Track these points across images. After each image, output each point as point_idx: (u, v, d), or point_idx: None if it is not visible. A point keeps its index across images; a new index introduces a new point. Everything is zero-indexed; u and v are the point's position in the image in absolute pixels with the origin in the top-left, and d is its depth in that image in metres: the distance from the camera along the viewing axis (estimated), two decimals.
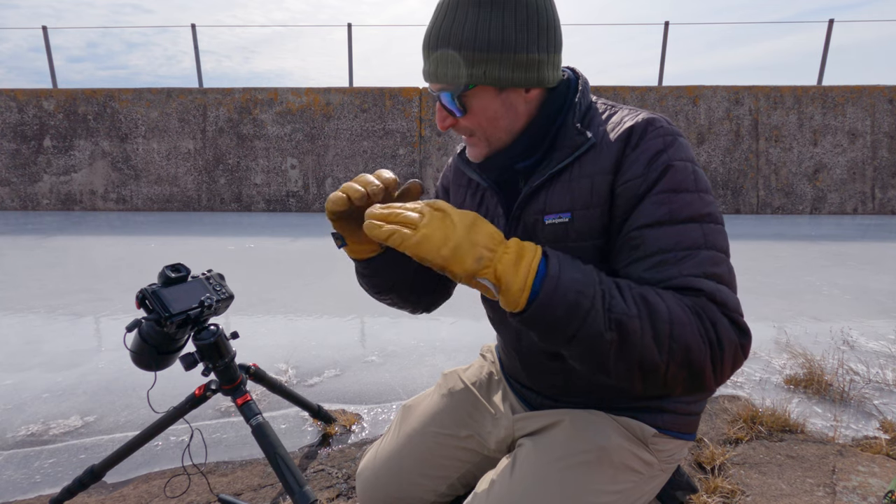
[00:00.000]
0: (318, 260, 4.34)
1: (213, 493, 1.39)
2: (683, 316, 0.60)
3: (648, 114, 0.73)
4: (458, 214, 0.61)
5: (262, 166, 7.47)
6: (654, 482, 0.86)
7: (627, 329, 0.59)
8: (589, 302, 0.59)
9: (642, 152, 0.70)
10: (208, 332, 1.17)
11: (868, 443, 1.57)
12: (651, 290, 0.62)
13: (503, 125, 0.76)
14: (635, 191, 0.70)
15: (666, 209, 0.67)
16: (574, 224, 0.75)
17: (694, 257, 0.65)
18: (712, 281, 0.64)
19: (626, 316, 0.59)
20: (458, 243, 0.58)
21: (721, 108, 7.22)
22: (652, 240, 0.67)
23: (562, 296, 0.59)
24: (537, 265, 0.60)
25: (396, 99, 7.37)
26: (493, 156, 0.80)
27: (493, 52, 0.70)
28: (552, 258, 0.61)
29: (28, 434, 1.71)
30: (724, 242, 0.68)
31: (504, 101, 0.74)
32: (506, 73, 0.71)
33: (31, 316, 2.94)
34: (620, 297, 0.60)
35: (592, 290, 0.59)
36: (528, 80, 0.73)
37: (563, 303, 0.58)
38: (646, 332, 0.59)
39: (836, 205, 7.21)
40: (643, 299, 0.60)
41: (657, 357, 0.59)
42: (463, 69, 0.71)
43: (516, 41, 0.70)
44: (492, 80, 0.71)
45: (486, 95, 0.74)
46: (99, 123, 7.49)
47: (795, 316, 2.85)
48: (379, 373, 2.17)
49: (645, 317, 0.59)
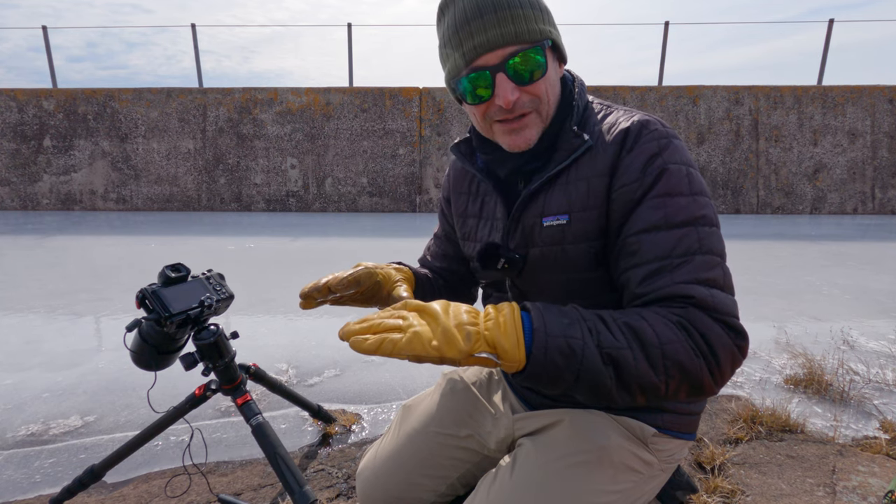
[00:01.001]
0: (318, 260, 4.34)
1: (213, 493, 1.39)
2: (671, 334, 0.60)
3: (643, 115, 0.73)
4: (432, 305, 0.60)
5: (262, 166, 7.47)
6: (654, 482, 0.86)
7: (620, 360, 0.59)
8: (581, 342, 0.59)
9: (637, 155, 0.70)
10: (208, 331, 1.17)
11: (868, 443, 1.57)
12: (634, 314, 0.62)
13: (555, 96, 0.75)
14: (631, 195, 0.70)
15: (661, 213, 0.67)
16: (571, 226, 0.75)
17: (689, 263, 0.65)
18: (705, 286, 0.64)
19: (617, 348, 0.59)
20: (444, 329, 0.56)
21: (721, 108, 7.22)
22: (648, 246, 0.67)
23: (554, 344, 0.58)
24: (520, 319, 0.59)
25: (396, 99, 7.37)
26: (509, 156, 0.80)
27: (546, 13, 0.69)
28: (533, 310, 0.60)
29: (28, 434, 1.71)
30: (719, 244, 0.68)
31: (555, 70, 0.74)
32: (558, 35, 0.71)
33: (31, 316, 2.94)
34: (607, 330, 0.60)
35: (580, 330, 0.60)
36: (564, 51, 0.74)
37: (557, 348, 0.58)
38: (639, 360, 0.59)
39: (836, 205, 7.21)
40: (629, 328, 0.61)
41: (655, 379, 0.60)
42: (539, 24, 0.68)
43: (550, 13, 0.71)
44: (557, 37, 0.71)
45: (550, 58, 0.72)
46: (99, 123, 7.49)
47: (795, 316, 2.85)
48: (379, 373, 2.17)
49: (635, 346, 0.60)
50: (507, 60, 0.69)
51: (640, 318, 0.61)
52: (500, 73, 0.69)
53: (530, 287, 0.84)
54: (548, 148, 0.78)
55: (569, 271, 0.77)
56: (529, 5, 0.69)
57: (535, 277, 0.81)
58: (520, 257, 0.80)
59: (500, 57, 0.69)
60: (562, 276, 0.78)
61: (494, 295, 0.93)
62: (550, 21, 0.73)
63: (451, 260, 1.04)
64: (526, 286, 0.84)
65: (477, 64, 0.70)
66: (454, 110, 7.32)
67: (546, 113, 0.75)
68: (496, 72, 0.69)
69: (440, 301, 0.61)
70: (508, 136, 0.75)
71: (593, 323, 0.61)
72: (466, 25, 0.69)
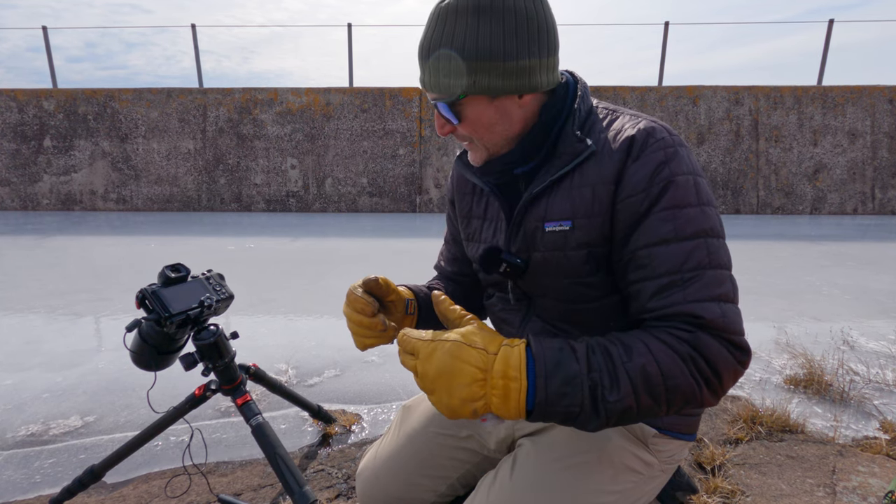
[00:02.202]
0: (318, 260, 4.34)
1: (213, 493, 1.39)
2: (676, 369, 0.62)
3: (649, 122, 0.73)
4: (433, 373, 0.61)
5: (262, 166, 7.47)
6: (654, 482, 0.86)
7: (623, 409, 0.61)
8: (577, 408, 0.61)
9: (643, 165, 0.70)
10: (208, 332, 1.17)
11: (868, 443, 1.56)
12: (641, 345, 0.63)
13: (499, 131, 0.77)
14: (638, 207, 0.70)
15: (671, 226, 0.68)
16: (574, 232, 0.75)
17: (699, 279, 0.66)
18: (716, 303, 0.65)
19: (620, 402, 0.61)
20: (449, 406, 0.61)
21: (721, 108, 7.22)
22: (659, 259, 0.68)
23: (553, 411, 0.61)
24: (526, 392, 0.60)
25: (396, 99, 7.37)
26: (491, 160, 0.80)
27: (482, 62, 0.70)
28: (538, 378, 0.61)
29: (28, 434, 1.71)
30: (726, 256, 0.69)
31: (498, 109, 0.74)
32: (496, 81, 0.71)
33: (31, 316, 2.94)
34: (612, 382, 0.61)
35: (580, 396, 0.60)
36: (519, 87, 0.72)
37: (556, 415, 0.62)
38: (642, 401, 0.62)
39: (836, 205, 7.21)
40: (636, 370, 0.61)
41: (657, 409, 0.64)
42: (454, 79, 0.71)
43: (505, 49, 0.69)
44: (482, 89, 0.71)
45: (480, 104, 0.74)
46: (99, 123, 7.49)
47: (795, 316, 2.85)
48: (379, 373, 2.17)
49: (640, 389, 0.61)
50: (436, 101, 0.76)
51: (647, 352, 0.63)
52: (435, 108, 0.77)
53: (532, 289, 0.84)
54: (525, 154, 0.78)
55: (571, 276, 0.77)
56: (461, 55, 0.69)
57: (537, 281, 0.81)
58: (521, 262, 0.80)
59: (432, 97, 0.76)
60: (564, 280, 0.78)
61: (497, 295, 0.94)
62: (484, 67, 0.70)
63: (462, 263, 1.04)
64: (528, 288, 0.84)
65: (425, 91, 0.78)
66: None
67: (488, 144, 0.78)
68: (434, 105, 0.77)
69: (447, 355, 0.61)
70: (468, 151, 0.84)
71: (597, 377, 0.61)
72: (420, 58, 0.75)
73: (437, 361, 0.61)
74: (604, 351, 0.63)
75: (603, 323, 0.78)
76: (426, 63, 0.73)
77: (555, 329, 0.83)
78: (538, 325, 0.85)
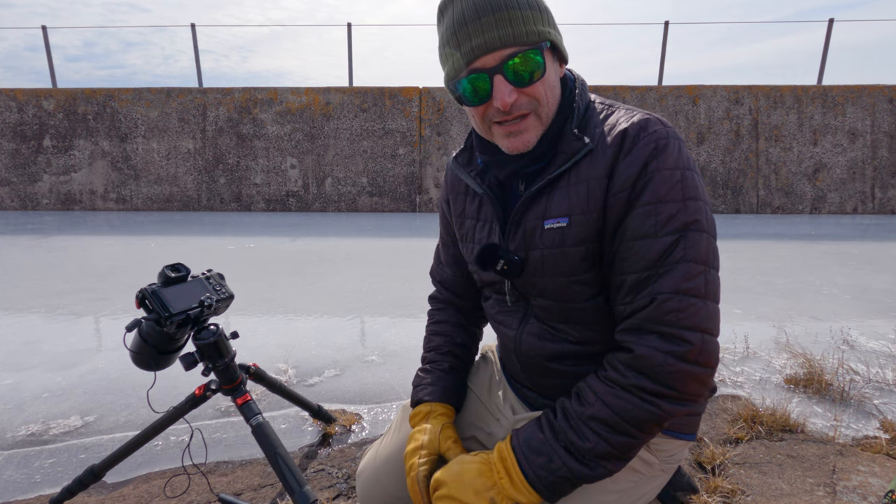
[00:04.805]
0: (318, 260, 4.34)
1: (213, 493, 1.39)
2: (624, 403, 0.67)
3: (643, 115, 0.72)
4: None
5: (261, 166, 7.47)
6: (654, 482, 0.86)
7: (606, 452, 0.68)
8: (566, 468, 0.69)
9: (633, 160, 0.69)
10: (208, 331, 1.17)
11: (868, 442, 1.57)
12: (591, 396, 0.70)
13: (555, 98, 0.75)
14: (624, 201, 0.70)
15: (651, 221, 0.68)
16: (571, 229, 0.75)
17: (672, 272, 0.67)
18: (682, 296, 0.66)
19: (597, 447, 0.68)
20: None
21: (721, 108, 7.22)
22: (638, 254, 0.69)
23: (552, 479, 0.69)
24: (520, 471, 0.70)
25: (396, 98, 7.37)
26: (511, 160, 0.78)
27: (545, 14, 0.69)
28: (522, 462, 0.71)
29: (28, 434, 1.71)
30: (704, 251, 0.68)
31: (555, 70, 0.73)
32: (558, 35, 0.71)
33: (31, 316, 2.94)
34: (578, 436, 0.69)
35: (559, 458, 0.69)
36: (564, 51, 0.74)
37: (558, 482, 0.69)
38: (614, 441, 0.67)
39: (836, 204, 7.21)
40: (593, 419, 0.69)
41: (635, 441, 0.69)
42: (537, 25, 0.68)
43: (548, 11, 0.71)
44: (557, 38, 0.71)
45: (549, 60, 0.71)
46: (99, 123, 7.49)
47: (795, 316, 2.85)
48: (379, 373, 2.17)
49: (605, 433, 0.68)
50: (505, 62, 0.68)
51: (596, 399, 0.69)
52: (497, 74, 0.69)
53: (529, 289, 0.83)
54: (547, 150, 0.77)
55: (567, 274, 0.77)
56: (528, 6, 0.68)
57: (534, 279, 0.81)
58: (519, 260, 0.80)
59: (498, 59, 0.68)
60: (561, 278, 0.78)
61: (494, 297, 0.93)
62: (550, 22, 0.72)
63: (462, 264, 1.02)
64: (525, 288, 0.84)
65: (475, 66, 0.70)
66: (454, 110, 7.32)
67: (545, 115, 0.74)
68: (494, 73, 0.69)
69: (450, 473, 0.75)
70: (507, 138, 0.75)
71: (564, 434, 0.70)
72: (465, 27, 0.68)
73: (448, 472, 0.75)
74: (562, 411, 0.72)
75: (599, 321, 0.78)
76: (486, 18, 0.67)
77: (553, 330, 0.82)
78: (536, 327, 0.84)
